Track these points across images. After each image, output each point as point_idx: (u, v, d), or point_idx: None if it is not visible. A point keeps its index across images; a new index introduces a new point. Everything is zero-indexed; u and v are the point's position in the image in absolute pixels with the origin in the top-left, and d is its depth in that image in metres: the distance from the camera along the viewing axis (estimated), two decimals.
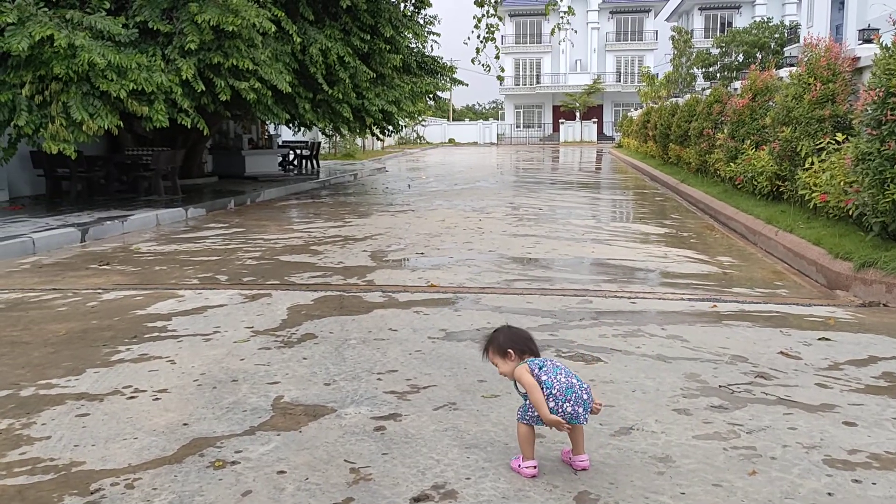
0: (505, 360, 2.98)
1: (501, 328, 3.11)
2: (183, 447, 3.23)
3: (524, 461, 2.96)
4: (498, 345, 3.00)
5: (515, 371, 2.93)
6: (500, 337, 3.03)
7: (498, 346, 3.00)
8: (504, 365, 2.98)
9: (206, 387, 4.00)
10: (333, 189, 18.38)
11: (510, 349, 2.97)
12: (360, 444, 3.25)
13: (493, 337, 3.05)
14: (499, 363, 3.00)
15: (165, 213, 11.95)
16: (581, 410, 2.85)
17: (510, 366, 2.96)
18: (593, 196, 15.99)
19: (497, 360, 3.00)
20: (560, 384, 2.85)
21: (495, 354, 3.00)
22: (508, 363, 2.97)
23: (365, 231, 10.34)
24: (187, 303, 5.99)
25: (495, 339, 3.03)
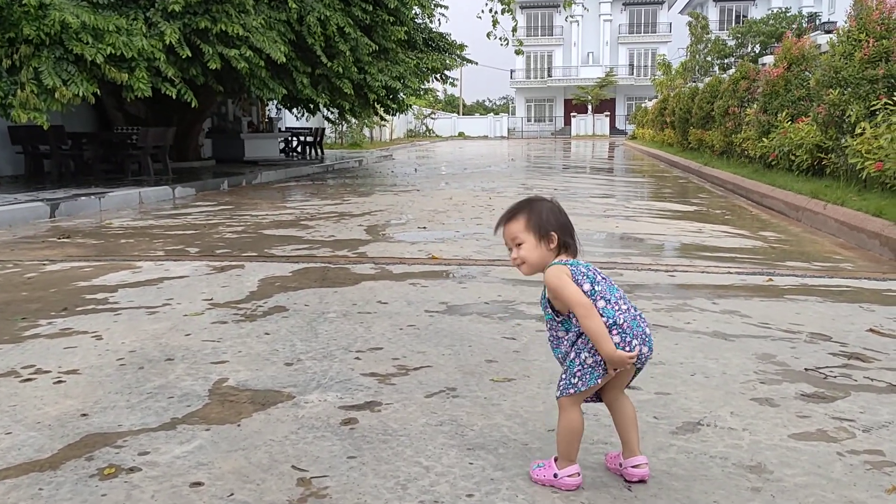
0: (539, 244, 1.95)
1: (544, 199, 2.03)
2: (68, 446, 2.30)
3: (561, 465, 1.99)
4: (539, 216, 1.96)
5: (551, 271, 1.93)
6: (543, 207, 1.98)
7: (538, 217, 1.95)
8: (534, 250, 1.95)
9: (131, 367, 3.06)
10: (336, 173, 17.44)
11: (554, 231, 1.95)
12: (318, 443, 2.30)
13: (531, 203, 1.99)
14: (525, 244, 1.95)
15: (151, 192, 11.03)
16: (647, 351, 1.95)
17: (542, 255, 1.96)
18: (610, 179, 15.00)
19: (524, 236, 1.95)
20: (624, 313, 1.92)
21: (527, 229, 1.95)
22: (542, 250, 1.95)
23: (364, 208, 9.41)
24: (142, 274, 5.06)
25: (535, 208, 1.97)
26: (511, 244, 1.98)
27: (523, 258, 1.96)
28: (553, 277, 1.91)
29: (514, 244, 1.97)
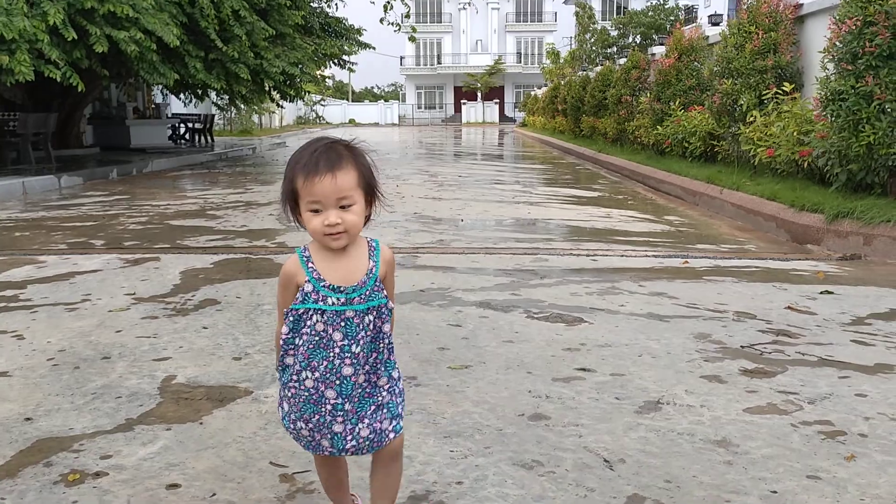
0: (364, 208, 1.54)
1: (350, 143, 1.57)
2: (20, 453, 2.15)
3: None
4: (368, 169, 1.55)
5: (387, 247, 1.65)
6: (365, 156, 1.57)
7: (368, 171, 1.55)
8: (360, 217, 1.53)
9: (65, 367, 2.89)
10: (231, 161, 16.94)
11: (378, 190, 1.58)
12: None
13: (351, 151, 1.54)
14: (356, 206, 1.51)
15: (34, 182, 10.41)
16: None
17: (363, 212, 1.54)
18: (512, 166, 15.24)
19: (356, 195, 1.51)
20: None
21: (358, 185, 1.51)
22: (363, 217, 1.55)
23: (269, 197, 9.19)
24: (49, 269, 4.78)
25: (359, 155, 1.55)
26: (331, 203, 1.48)
27: (351, 225, 1.50)
28: (393, 255, 1.65)
29: (336, 204, 1.48)
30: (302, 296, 1.55)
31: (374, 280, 1.57)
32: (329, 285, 1.55)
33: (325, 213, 1.48)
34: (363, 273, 1.56)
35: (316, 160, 1.48)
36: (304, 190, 1.48)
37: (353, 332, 1.56)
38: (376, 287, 1.57)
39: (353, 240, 1.54)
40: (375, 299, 1.57)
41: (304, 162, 1.49)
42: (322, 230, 1.49)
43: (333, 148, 1.51)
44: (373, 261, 1.58)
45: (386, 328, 1.61)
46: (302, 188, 1.48)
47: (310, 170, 1.47)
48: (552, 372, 2.81)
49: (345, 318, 1.55)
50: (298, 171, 1.49)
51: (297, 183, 1.49)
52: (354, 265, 1.56)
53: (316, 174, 1.47)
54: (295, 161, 1.51)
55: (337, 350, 1.56)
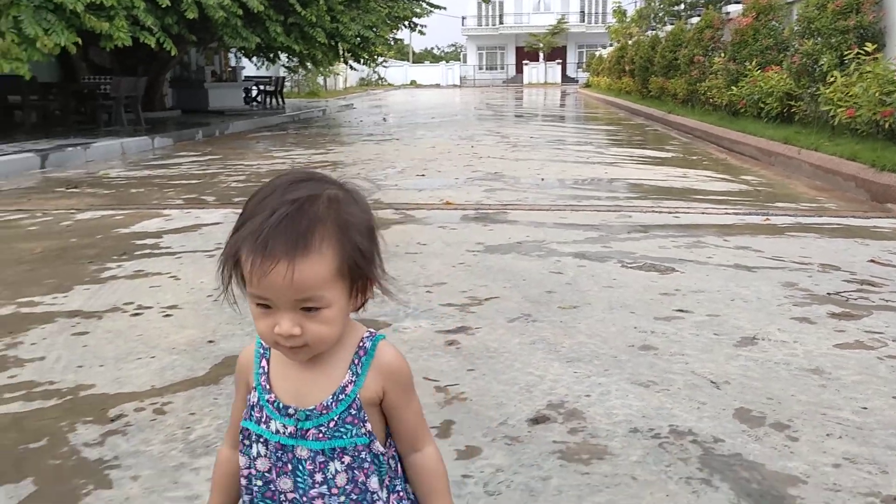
0: (351, 300, 1.04)
1: (334, 184, 1.04)
2: (216, 366, 2.59)
3: None
4: (353, 236, 1.00)
5: (392, 350, 1.12)
6: (351, 210, 1.02)
7: (353, 240, 1.00)
8: (340, 316, 1.01)
9: (224, 302, 3.33)
10: (304, 123, 17.45)
11: (379, 266, 1.06)
12: (435, 360, 2.64)
13: (329, 203, 0.99)
14: (333, 307, 0.99)
15: (131, 142, 11.02)
16: None
17: (345, 318, 1.04)
18: (581, 127, 15.38)
19: (330, 292, 0.99)
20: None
21: (338, 274, 0.99)
22: (349, 309, 1.05)
23: (352, 157, 9.61)
24: (176, 221, 5.27)
25: (340, 214, 1.00)
26: (286, 305, 0.97)
27: (315, 338, 0.99)
28: (405, 361, 1.11)
29: (295, 306, 0.97)
30: (248, 408, 1.08)
31: (347, 406, 1.03)
32: (274, 401, 1.05)
33: (276, 314, 0.97)
34: (328, 392, 1.03)
35: (269, 234, 0.94)
36: (248, 273, 0.96)
37: (305, 485, 1.04)
38: (350, 418, 1.03)
39: (325, 349, 1.02)
40: (345, 437, 1.03)
41: (256, 225, 0.95)
42: (272, 337, 0.99)
43: (304, 211, 0.96)
44: (352, 374, 1.04)
45: (373, 484, 1.05)
46: (245, 267, 0.96)
47: (258, 248, 0.94)
48: (653, 312, 3.14)
49: (295, 457, 1.04)
50: (246, 238, 0.96)
51: (242, 254, 0.96)
52: (317, 377, 1.04)
53: (265, 258, 0.93)
54: (249, 213, 0.99)
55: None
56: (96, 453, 1.99)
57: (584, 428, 2.10)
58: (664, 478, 1.83)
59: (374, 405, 1.06)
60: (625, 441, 2.02)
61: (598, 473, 1.86)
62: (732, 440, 2.02)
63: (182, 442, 2.05)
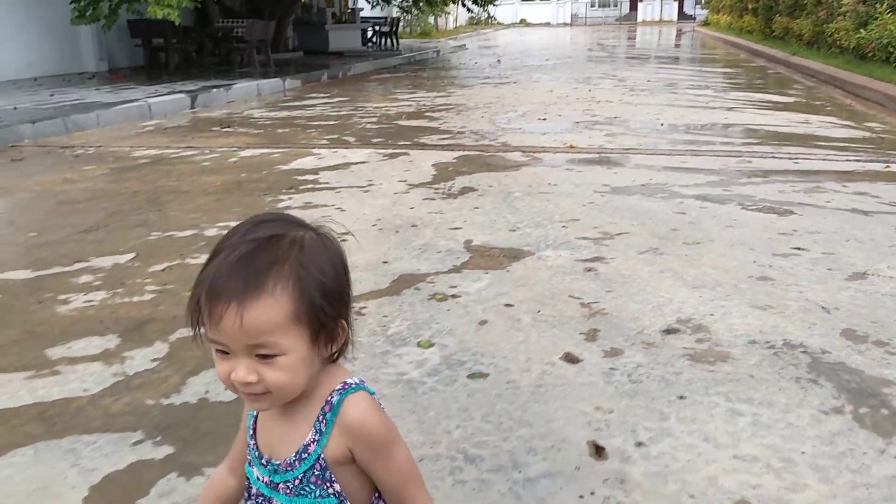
0: (314, 347, 0.97)
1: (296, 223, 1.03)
2: (394, 282, 3.14)
3: None
4: (314, 277, 0.96)
5: (367, 404, 1.02)
6: (315, 251, 0.98)
7: (314, 281, 0.95)
8: (303, 366, 0.96)
9: (388, 231, 3.89)
10: (420, 64, 17.91)
11: (345, 314, 1.01)
12: (576, 283, 3.10)
13: (290, 244, 0.96)
14: (290, 354, 0.94)
15: (265, 84, 11.77)
16: None
17: (312, 369, 0.98)
18: (699, 69, 15.20)
19: (286, 339, 0.93)
20: None
21: (295, 318, 0.94)
22: (314, 360, 0.98)
23: (473, 101, 10.01)
24: (327, 160, 5.87)
25: (299, 256, 0.96)
26: (239, 349, 0.93)
27: (275, 386, 0.94)
28: (380, 419, 1.01)
29: (249, 352, 0.93)
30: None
31: (310, 466, 0.99)
32: (254, 447, 1.05)
33: (233, 360, 0.93)
34: (293, 448, 1.00)
35: (223, 275, 0.91)
36: (205, 317, 0.93)
37: None
38: (314, 478, 0.99)
39: (288, 399, 0.97)
40: (310, 496, 1.00)
41: (214, 266, 0.93)
42: (229, 384, 0.95)
43: (262, 251, 0.93)
44: (316, 432, 0.99)
45: None
46: (203, 312, 0.93)
47: (211, 289, 0.91)
48: (771, 249, 3.49)
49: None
50: (203, 280, 0.93)
51: (200, 297, 0.93)
52: (286, 430, 1.01)
53: (216, 301, 0.90)
54: (213, 252, 0.95)
55: None
56: None
57: (709, 339, 2.53)
58: (777, 377, 2.25)
59: (346, 464, 0.98)
60: (744, 350, 2.44)
61: (722, 372, 2.29)
62: (837, 352, 2.41)
63: (382, 336, 2.61)
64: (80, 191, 4.91)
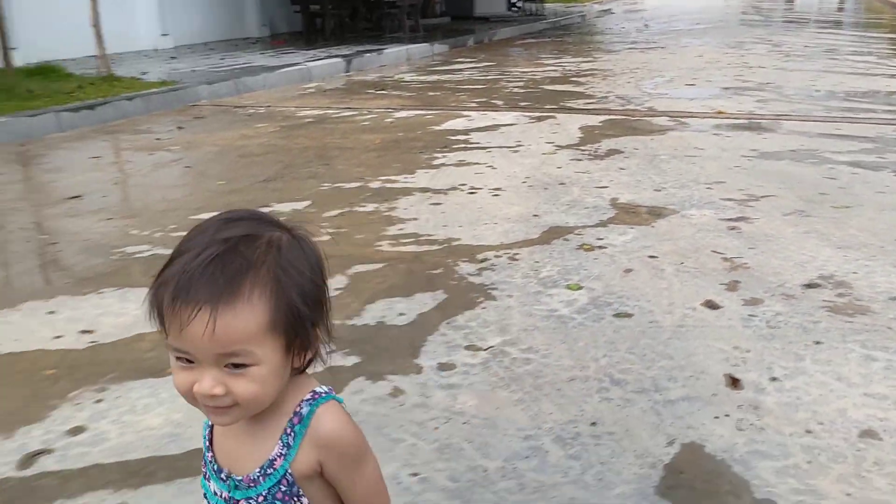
0: (287, 357, 0.90)
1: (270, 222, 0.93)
2: (544, 233, 3.39)
3: None
4: (289, 284, 0.87)
5: (337, 416, 0.95)
6: (289, 255, 0.89)
7: (290, 289, 0.87)
8: (275, 377, 0.89)
9: (537, 187, 4.13)
10: (565, 29, 17.83)
11: (318, 320, 0.93)
12: (719, 239, 3.24)
13: (261, 244, 0.88)
14: (262, 365, 0.86)
15: (414, 49, 12.18)
16: None
17: (282, 379, 0.91)
18: (862, 35, 14.37)
19: (260, 348, 0.86)
20: None
21: (270, 326, 0.86)
22: (286, 369, 0.91)
23: (619, 66, 10.00)
24: (476, 122, 6.15)
25: (273, 258, 0.87)
26: (207, 359, 0.85)
27: (245, 398, 0.87)
28: (354, 430, 0.97)
29: (218, 362, 0.85)
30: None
31: (276, 482, 0.93)
32: (212, 460, 0.99)
33: (196, 370, 0.86)
34: (257, 463, 0.94)
35: (191, 277, 0.83)
36: (168, 320, 0.85)
37: None
38: (280, 494, 0.93)
39: (255, 412, 0.91)
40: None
41: (179, 267, 0.85)
42: (191, 395, 0.87)
43: (236, 253, 0.85)
44: (283, 445, 0.93)
45: None
46: (166, 315, 0.85)
47: (178, 293, 0.83)
48: None
49: None
50: (167, 281, 0.85)
51: (163, 298, 0.85)
52: (249, 443, 0.95)
53: (184, 305, 0.82)
54: (176, 251, 0.88)
55: None
56: (478, 280, 2.87)
57: (849, 294, 2.64)
58: None
59: (313, 478, 0.94)
60: (884, 305, 2.54)
61: (860, 323, 2.41)
62: None
63: (535, 278, 2.88)
64: (256, 146, 5.43)
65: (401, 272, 2.97)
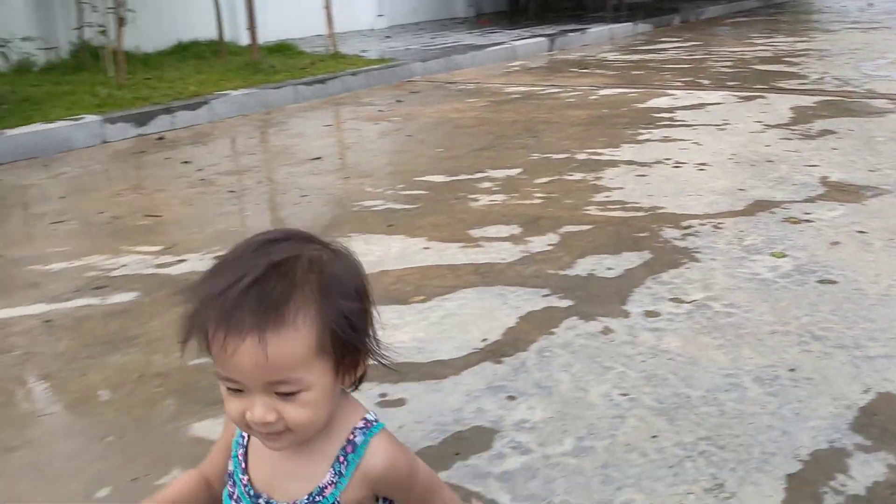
0: (338, 378, 0.92)
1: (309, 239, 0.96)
2: (749, 206, 3.51)
3: None
4: (338, 303, 0.88)
5: (389, 447, 0.97)
6: (336, 268, 0.92)
7: (339, 307, 0.88)
8: (326, 400, 0.90)
9: (744, 164, 4.21)
10: (779, 8, 16.96)
11: (366, 339, 0.94)
12: None
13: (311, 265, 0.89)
14: (313, 389, 0.87)
15: (617, 28, 12.19)
16: None
17: (332, 400, 0.92)
18: None
19: (308, 374, 0.86)
20: None
21: (319, 351, 0.87)
22: (336, 391, 0.93)
23: (837, 46, 9.50)
24: (681, 100, 6.21)
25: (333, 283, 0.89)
26: (257, 387, 0.85)
27: (297, 423, 0.87)
28: (405, 457, 0.98)
29: (268, 389, 0.85)
30: (228, 475, 1.00)
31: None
32: (247, 484, 0.95)
33: (247, 397, 0.85)
34: (304, 490, 0.92)
35: (235, 303, 0.82)
36: (214, 350, 0.84)
37: None
38: None
39: (309, 436, 0.90)
40: None
41: (220, 289, 0.83)
42: (243, 423, 0.87)
43: (278, 275, 0.84)
44: (335, 473, 0.92)
45: None
46: (212, 343, 0.84)
47: (223, 321, 0.82)
48: None
49: None
50: (209, 304, 0.84)
51: (208, 326, 0.84)
52: (295, 468, 0.93)
53: (230, 334, 0.81)
54: (216, 271, 0.88)
55: None
56: (682, 244, 3.07)
57: None
58: None
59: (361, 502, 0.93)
60: None
61: None
62: None
63: (738, 245, 3.03)
64: (468, 118, 5.84)
65: (608, 233, 3.23)
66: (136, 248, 3.28)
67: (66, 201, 4.10)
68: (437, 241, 3.22)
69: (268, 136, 5.75)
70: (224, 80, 6.79)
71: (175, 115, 5.89)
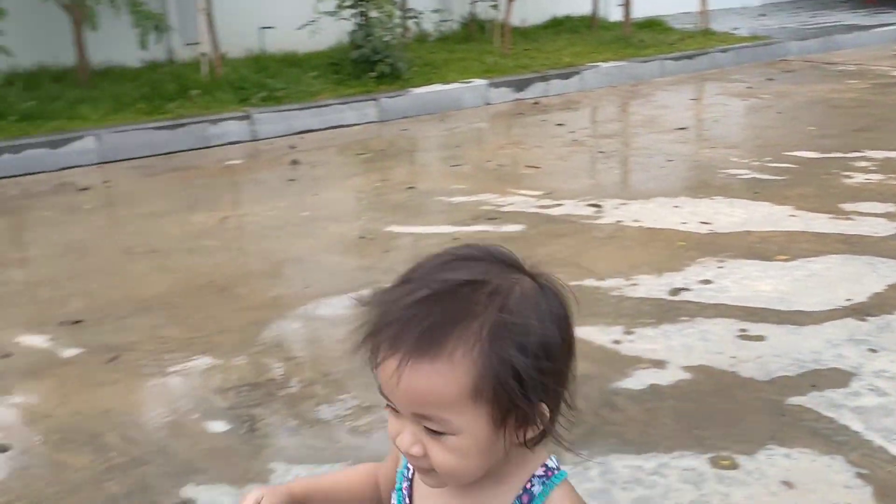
0: (499, 433, 0.76)
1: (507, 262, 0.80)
2: None
3: None
4: (505, 349, 0.72)
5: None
6: (508, 308, 0.74)
7: (506, 353, 0.72)
8: (476, 453, 0.76)
9: None
10: None
11: (551, 394, 0.76)
12: None
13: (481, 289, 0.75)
14: (461, 435, 0.74)
15: None
16: None
17: (494, 453, 0.77)
18: None
19: (457, 416, 0.74)
20: None
21: (474, 394, 0.73)
22: (497, 447, 0.76)
23: None
24: None
25: (508, 320, 0.73)
26: (404, 411, 0.77)
27: (441, 465, 0.77)
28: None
29: (415, 419, 0.76)
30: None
31: None
32: None
33: (401, 420, 0.78)
34: None
35: (398, 318, 0.75)
36: (373, 357, 0.77)
37: None
38: None
39: (459, 484, 0.81)
40: None
41: (392, 298, 0.77)
42: (398, 446, 0.79)
43: (451, 298, 0.75)
44: None
45: None
46: (372, 352, 0.77)
47: (379, 330, 0.76)
48: None
49: None
50: (378, 316, 0.77)
51: (371, 331, 0.77)
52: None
53: (383, 346, 0.75)
54: (399, 279, 0.80)
55: None
56: None
57: None
58: None
59: None
60: None
61: None
62: None
63: None
64: (846, 99, 5.58)
65: None
66: (520, 191, 3.79)
67: (460, 149, 4.79)
68: (804, 211, 3.28)
69: (634, 106, 6.04)
70: (595, 53, 7.18)
71: (549, 82, 6.41)
